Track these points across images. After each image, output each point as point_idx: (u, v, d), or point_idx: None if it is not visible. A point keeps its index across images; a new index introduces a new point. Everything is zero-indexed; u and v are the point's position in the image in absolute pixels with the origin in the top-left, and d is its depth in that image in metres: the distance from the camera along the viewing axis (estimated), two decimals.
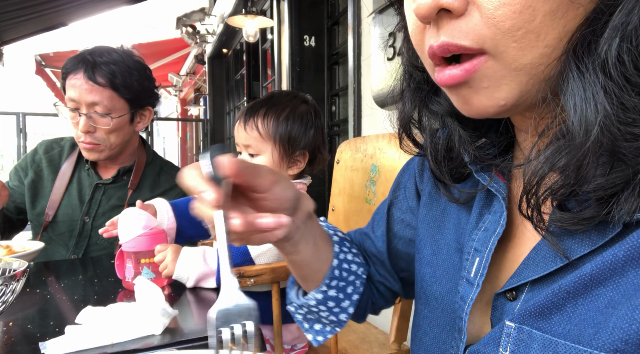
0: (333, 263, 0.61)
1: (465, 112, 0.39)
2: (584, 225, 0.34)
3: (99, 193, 1.43)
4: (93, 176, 1.45)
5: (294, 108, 1.18)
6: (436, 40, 0.36)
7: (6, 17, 3.75)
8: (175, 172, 1.55)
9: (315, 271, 0.61)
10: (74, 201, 1.41)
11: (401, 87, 0.53)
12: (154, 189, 1.48)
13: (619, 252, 0.32)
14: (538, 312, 0.36)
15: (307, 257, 0.57)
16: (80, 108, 1.32)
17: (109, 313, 0.71)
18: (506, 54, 0.34)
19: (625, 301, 0.30)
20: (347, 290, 0.62)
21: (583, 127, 0.31)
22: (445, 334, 0.50)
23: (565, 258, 0.36)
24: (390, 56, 2.04)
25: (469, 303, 0.45)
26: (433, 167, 0.52)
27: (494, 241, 0.44)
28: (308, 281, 0.62)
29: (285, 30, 3.58)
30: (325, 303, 0.61)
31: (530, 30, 0.32)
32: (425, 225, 0.58)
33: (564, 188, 0.34)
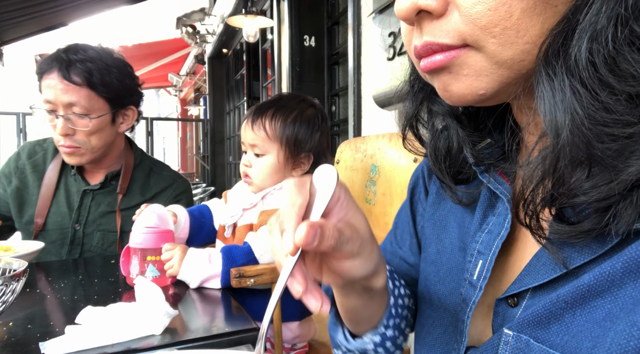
0: (390, 301, 0.55)
1: (446, 99, 0.40)
2: (582, 237, 0.33)
3: (87, 200, 1.37)
4: (80, 181, 1.38)
5: (302, 111, 1.20)
6: (419, 41, 0.37)
7: (6, 17, 3.75)
8: (165, 172, 1.50)
9: (368, 317, 0.55)
10: (63, 209, 1.36)
11: (407, 88, 0.53)
12: (144, 192, 1.42)
13: (617, 264, 0.31)
14: (536, 321, 0.36)
15: (356, 306, 0.52)
16: (57, 110, 1.25)
17: (109, 313, 0.71)
18: (487, 48, 0.34)
19: (624, 315, 0.30)
20: (401, 325, 0.58)
21: (553, 129, 0.31)
22: (448, 335, 0.50)
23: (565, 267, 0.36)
24: (390, 56, 2.04)
25: (471, 306, 0.44)
26: (433, 166, 0.51)
27: (498, 245, 0.44)
28: (361, 324, 0.56)
29: (285, 30, 3.58)
30: (383, 344, 0.55)
31: (509, 27, 0.32)
32: (432, 224, 0.57)
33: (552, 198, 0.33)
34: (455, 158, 0.49)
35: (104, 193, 1.39)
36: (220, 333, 0.71)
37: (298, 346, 1.25)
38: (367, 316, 0.54)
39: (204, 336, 0.70)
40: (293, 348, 1.24)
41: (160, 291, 0.74)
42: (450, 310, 0.50)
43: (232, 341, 0.71)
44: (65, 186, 1.38)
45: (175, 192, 1.46)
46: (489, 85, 0.36)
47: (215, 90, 7.15)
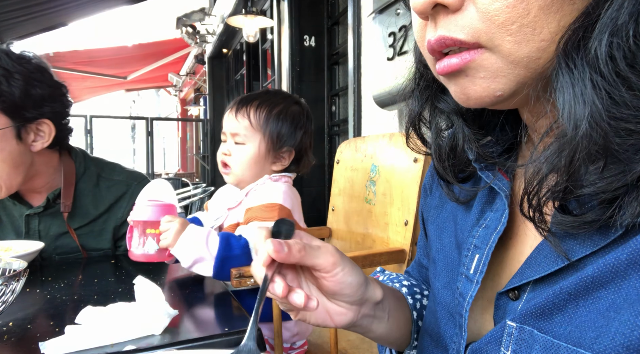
0: (413, 316, 0.60)
1: (463, 102, 0.40)
2: (585, 228, 0.34)
3: (34, 224, 1.20)
4: (19, 204, 1.20)
5: (287, 106, 1.21)
6: (433, 35, 0.37)
7: (6, 17, 3.75)
8: (117, 176, 1.30)
9: (399, 337, 0.59)
10: (10, 236, 1.20)
11: (412, 86, 0.53)
12: (97, 205, 1.24)
13: (621, 255, 0.32)
14: (539, 312, 0.36)
15: (384, 333, 0.56)
16: None
17: (109, 313, 0.71)
18: (502, 47, 0.34)
19: (628, 306, 0.30)
20: None
21: (572, 122, 0.31)
22: (444, 328, 0.51)
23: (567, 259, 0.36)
24: (390, 56, 2.04)
25: (468, 300, 0.45)
26: (437, 164, 0.52)
27: (495, 239, 0.44)
28: (395, 344, 0.61)
29: (285, 30, 3.58)
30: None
31: (525, 24, 0.32)
32: (435, 226, 0.58)
33: (561, 190, 0.34)
34: (459, 156, 0.50)
35: (51, 215, 1.21)
36: (220, 333, 0.71)
37: (297, 344, 1.25)
38: (398, 336, 0.59)
39: (204, 336, 0.70)
40: (292, 347, 1.24)
41: (160, 291, 0.74)
42: (448, 304, 0.51)
43: (232, 341, 0.71)
44: (5, 211, 1.22)
45: (132, 199, 1.24)
46: (506, 85, 0.36)
47: (215, 90, 7.16)
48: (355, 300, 0.50)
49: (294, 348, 1.24)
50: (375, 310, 0.54)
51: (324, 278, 0.47)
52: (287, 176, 1.22)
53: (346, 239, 1.59)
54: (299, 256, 0.45)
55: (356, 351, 1.28)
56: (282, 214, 1.09)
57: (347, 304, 0.50)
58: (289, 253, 0.44)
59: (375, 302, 0.53)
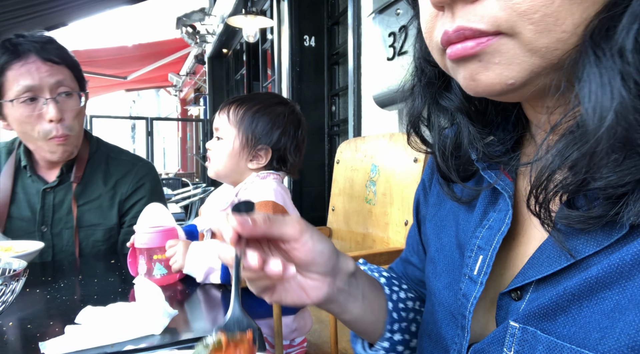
0: (388, 306, 0.59)
1: (471, 89, 0.38)
2: (591, 223, 0.33)
3: (49, 199, 1.30)
4: (37, 181, 1.30)
5: (268, 106, 1.23)
6: (451, 25, 0.36)
7: (6, 17, 3.75)
8: (124, 157, 1.43)
9: (373, 323, 0.58)
10: (25, 213, 1.28)
11: (412, 83, 0.52)
12: (106, 181, 1.35)
13: (626, 255, 0.31)
14: (543, 313, 0.36)
15: (358, 314, 0.56)
16: (41, 95, 1.16)
17: (109, 313, 0.71)
18: (522, 35, 0.33)
19: (633, 307, 0.30)
20: (411, 328, 0.60)
21: (597, 113, 0.30)
22: (446, 329, 0.50)
23: (571, 257, 0.36)
24: (390, 56, 2.04)
25: (472, 301, 0.45)
26: (441, 163, 0.51)
27: (499, 240, 0.44)
28: (368, 333, 0.60)
29: (285, 30, 3.58)
30: (394, 349, 0.59)
31: (548, 14, 0.32)
32: (433, 225, 0.58)
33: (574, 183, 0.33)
34: (463, 155, 0.49)
35: (64, 189, 1.31)
36: None
37: (296, 341, 1.25)
38: (371, 322, 0.58)
39: (204, 336, 0.70)
40: (292, 344, 1.24)
41: (160, 291, 0.74)
42: (450, 305, 0.50)
43: None
44: (22, 189, 1.30)
45: (137, 176, 1.38)
46: (519, 74, 0.35)
47: (215, 90, 7.16)
48: (328, 270, 0.49)
49: (293, 345, 1.24)
50: (349, 286, 0.53)
51: (294, 248, 0.46)
52: (274, 173, 1.24)
53: (346, 239, 1.59)
54: (265, 227, 0.44)
55: None
56: (277, 211, 1.10)
57: (321, 276, 0.49)
58: (254, 225, 0.43)
59: (349, 274, 0.53)
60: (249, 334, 0.44)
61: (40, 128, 1.19)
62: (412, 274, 0.67)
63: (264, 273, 0.44)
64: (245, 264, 0.43)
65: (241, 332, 0.44)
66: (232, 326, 0.45)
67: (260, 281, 0.47)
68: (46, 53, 1.18)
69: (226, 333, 0.43)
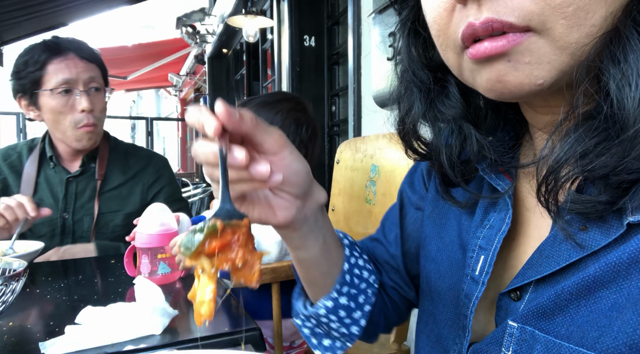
0: (344, 267, 0.58)
1: (496, 91, 0.37)
2: (599, 209, 0.33)
3: (72, 188, 1.42)
4: (61, 171, 1.43)
5: (272, 102, 1.22)
6: (478, 17, 0.34)
7: (6, 17, 3.74)
8: (141, 152, 1.58)
9: (325, 274, 0.57)
10: (48, 201, 1.39)
11: (401, 89, 0.51)
12: (125, 171, 1.48)
13: (622, 255, 0.32)
14: (541, 313, 0.36)
15: (316, 255, 0.54)
16: (76, 87, 1.32)
17: (109, 313, 0.71)
18: (553, 30, 0.32)
19: (631, 305, 0.30)
20: (358, 298, 0.59)
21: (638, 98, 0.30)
22: (448, 330, 0.50)
23: (568, 257, 0.36)
24: (390, 56, 2.04)
25: (474, 301, 0.45)
26: (448, 170, 0.49)
27: (499, 240, 0.44)
28: (316, 286, 0.59)
29: (285, 30, 3.58)
30: (336, 312, 0.58)
31: (581, 7, 0.31)
32: (431, 221, 0.57)
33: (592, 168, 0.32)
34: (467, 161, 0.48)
35: (86, 179, 1.44)
36: (220, 332, 0.71)
37: (296, 343, 1.25)
38: (325, 271, 0.57)
39: (204, 336, 0.70)
40: (291, 346, 1.24)
41: (160, 291, 0.74)
42: (452, 306, 0.50)
43: (232, 341, 0.71)
44: (45, 179, 1.42)
45: (155, 168, 1.54)
46: (549, 73, 0.34)
47: (215, 90, 7.15)
48: (301, 193, 0.47)
49: (293, 346, 1.24)
50: (315, 220, 0.52)
51: (271, 162, 0.43)
52: None
53: None
54: (251, 125, 0.41)
55: (356, 351, 1.28)
56: None
57: (292, 198, 0.47)
58: (241, 119, 0.40)
59: (318, 205, 0.51)
60: (245, 221, 0.40)
61: (72, 118, 1.34)
62: (379, 254, 0.66)
63: (248, 174, 0.41)
64: (231, 160, 0.40)
65: (237, 219, 0.41)
66: (224, 217, 0.41)
67: (238, 185, 0.44)
68: (83, 52, 1.35)
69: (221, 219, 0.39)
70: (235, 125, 0.40)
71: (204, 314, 0.38)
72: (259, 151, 0.43)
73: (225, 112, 0.39)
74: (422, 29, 0.47)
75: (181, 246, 0.38)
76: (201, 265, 0.39)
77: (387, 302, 0.65)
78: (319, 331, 0.62)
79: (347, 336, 0.60)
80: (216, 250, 0.38)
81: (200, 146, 0.42)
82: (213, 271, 0.39)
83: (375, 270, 0.63)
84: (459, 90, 0.47)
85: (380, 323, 0.65)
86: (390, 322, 0.67)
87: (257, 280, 0.40)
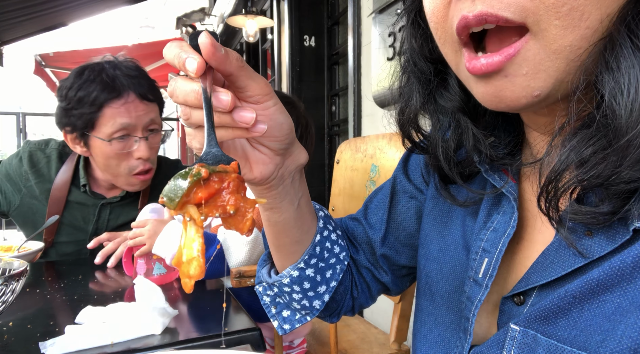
0: (315, 238, 0.56)
1: (492, 105, 0.36)
2: (601, 220, 0.33)
3: (105, 213, 1.32)
4: (95, 198, 1.32)
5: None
6: (471, 10, 0.33)
7: (6, 17, 3.75)
8: (170, 161, 1.47)
9: (295, 242, 0.55)
10: (78, 223, 1.30)
11: (402, 80, 0.50)
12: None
13: (627, 258, 0.31)
14: (543, 316, 0.36)
15: (288, 219, 0.52)
16: (135, 133, 1.18)
17: (109, 313, 0.72)
18: (547, 32, 0.32)
19: (634, 309, 0.30)
20: (326, 273, 0.57)
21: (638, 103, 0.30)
22: (450, 333, 0.50)
23: (573, 263, 0.35)
24: (390, 56, 2.04)
25: (477, 304, 0.44)
26: (444, 164, 0.49)
27: (504, 243, 0.43)
28: (285, 253, 0.56)
29: (285, 30, 3.58)
30: (300, 283, 0.56)
31: (575, 8, 0.31)
32: (431, 219, 0.56)
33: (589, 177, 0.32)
34: (465, 157, 0.48)
35: (122, 205, 1.34)
36: (220, 332, 0.71)
37: (296, 342, 1.25)
38: (292, 240, 0.55)
39: (204, 336, 0.70)
40: (291, 346, 1.24)
41: (160, 291, 0.74)
42: (454, 308, 0.49)
43: (232, 341, 0.71)
44: (76, 200, 1.31)
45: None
46: (545, 83, 0.34)
47: None
48: (281, 149, 0.45)
49: (293, 346, 1.24)
50: (292, 182, 0.50)
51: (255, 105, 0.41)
52: None
53: None
54: (237, 65, 0.37)
55: (356, 351, 1.28)
56: None
57: (271, 153, 0.45)
58: (226, 57, 0.36)
59: (297, 166, 0.49)
60: (233, 165, 0.37)
61: (127, 165, 1.21)
62: (358, 234, 0.64)
63: (231, 119, 0.39)
64: (215, 102, 0.37)
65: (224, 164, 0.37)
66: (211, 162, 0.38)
67: (217, 131, 0.41)
68: (143, 90, 1.19)
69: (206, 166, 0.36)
70: (220, 63, 0.36)
71: (193, 273, 0.35)
72: (241, 98, 0.40)
73: (210, 45, 0.35)
74: (422, 22, 0.46)
75: (164, 196, 0.35)
76: (188, 214, 0.35)
77: (358, 281, 0.64)
78: (279, 301, 0.60)
79: (308, 310, 0.59)
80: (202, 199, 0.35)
81: (179, 84, 0.38)
82: (202, 218, 0.35)
83: (347, 248, 0.62)
84: (459, 84, 0.46)
85: (345, 303, 0.64)
86: (357, 303, 0.65)
87: (249, 229, 0.37)
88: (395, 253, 0.62)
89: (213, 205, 0.35)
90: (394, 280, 0.64)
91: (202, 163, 0.36)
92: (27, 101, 20.40)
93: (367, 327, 1.44)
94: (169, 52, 0.37)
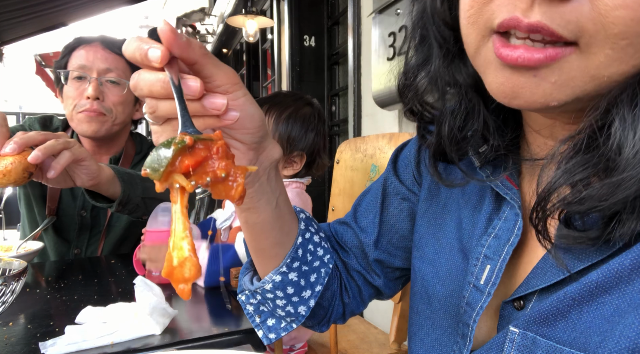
0: (297, 240, 0.54)
1: (505, 99, 0.35)
2: (589, 244, 0.34)
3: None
4: None
5: (297, 109, 1.19)
6: (527, 16, 0.31)
7: (6, 17, 3.75)
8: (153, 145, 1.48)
9: (275, 244, 0.53)
10: (66, 198, 1.35)
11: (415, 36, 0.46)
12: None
13: (625, 260, 0.32)
14: (543, 319, 0.36)
15: (267, 220, 0.50)
16: (89, 74, 1.29)
17: (109, 313, 0.72)
18: (594, 57, 0.30)
19: (632, 310, 0.30)
20: (310, 277, 0.56)
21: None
22: (447, 337, 0.49)
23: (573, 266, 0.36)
24: (390, 56, 2.04)
25: (478, 310, 0.44)
26: (446, 143, 0.46)
27: (509, 251, 0.43)
28: (266, 257, 0.54)
29: (285, 30, 3.58)
30: (284, 288, 0.54)
31: (632, 44, 0.29)
32: (425, 221, 0.55)
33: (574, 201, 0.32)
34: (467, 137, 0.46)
35: None
36: (220, 332, 0.71)
37: (296, 346, 1.25)
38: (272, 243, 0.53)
39: (204, 336, 0.70)
40: (292, 349, 1.24)
41: (160, 291, 0.74)
42: (452, 312, 0.49)
43: (232, 341, 0.71)
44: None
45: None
46: (567, 97, 0.32)
47: None
48: (254, 142, 0.44)
49: (294, 349, 1.24)
50: (268, 179, 0.48)
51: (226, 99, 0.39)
52: (297, 181, 1.19)
53: None
54: (200, 53, 0.36)
55: (356, 351, 1.28)
56: None
57: (244, 147, 0.44)
58: (189, 44, 0.35)
59: (272, 161, 0.47)
60: (217, 133, 0.35)
61: (78, 103, 1.30)
62: (348, 238, 0.63)
63: (201, 107, 0.37)
64: (186, 89, 0.35)
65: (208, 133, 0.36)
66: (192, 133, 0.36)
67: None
68: (110, 44, 1.32)
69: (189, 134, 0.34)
70: (182, 50, 0.35)
71: (189, 275, 0.33)
72: (209, 88, 0.39)
73: (169, 31, 0.33)
74: None
75: (147, 168, 0.33)
76: (176, 181, 0.33)
77: (349, 286, 0.63)
78: (263, 309, 0.59)
79: (293, 316, 0.57)
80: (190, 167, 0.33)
81: (142, 75, 0.37)
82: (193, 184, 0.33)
83: (332, 251, 0.60)
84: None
85: (335, 309, 0.62)
86: (348, 309, 0.64)
87: (241, 195, 0.35)
88: (389, 256, 0.61)
89: (202, 171, 0.34)
90: (386, 282, 0.63)
91: (184, 132, 0.34)
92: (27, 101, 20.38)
93: (367, 327, 1.44)
94: (128, 47, 0.35)
